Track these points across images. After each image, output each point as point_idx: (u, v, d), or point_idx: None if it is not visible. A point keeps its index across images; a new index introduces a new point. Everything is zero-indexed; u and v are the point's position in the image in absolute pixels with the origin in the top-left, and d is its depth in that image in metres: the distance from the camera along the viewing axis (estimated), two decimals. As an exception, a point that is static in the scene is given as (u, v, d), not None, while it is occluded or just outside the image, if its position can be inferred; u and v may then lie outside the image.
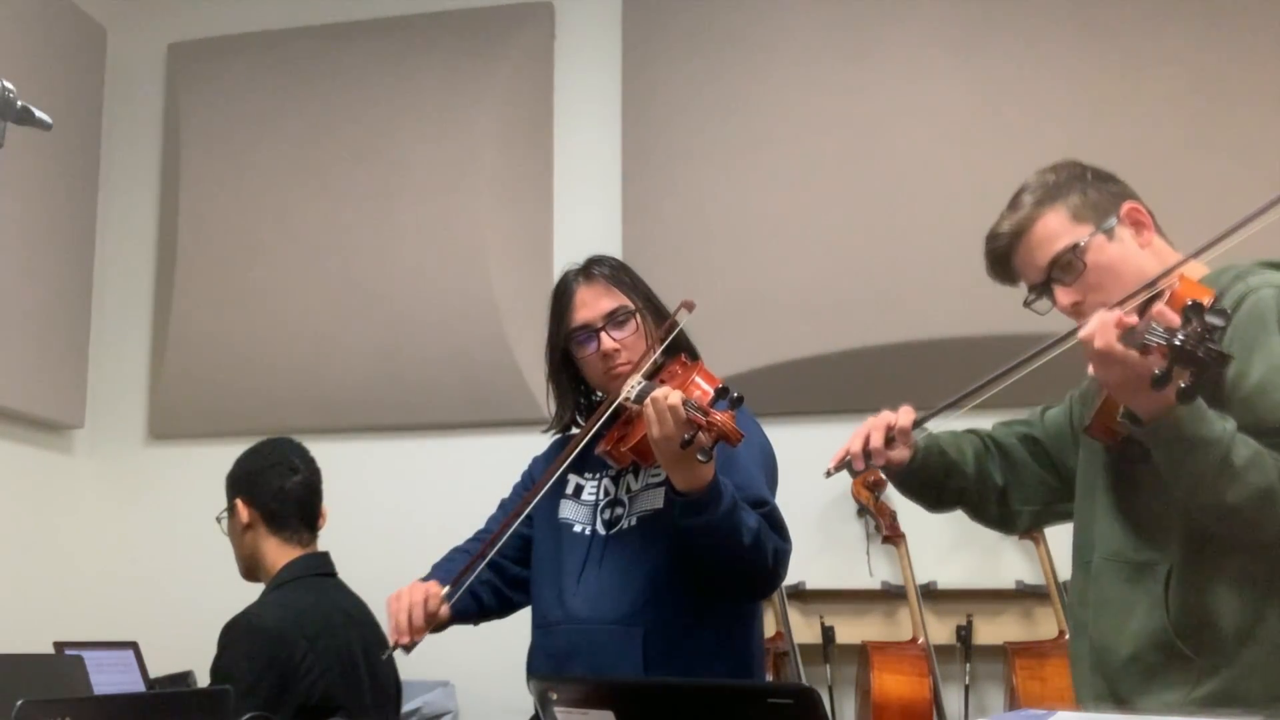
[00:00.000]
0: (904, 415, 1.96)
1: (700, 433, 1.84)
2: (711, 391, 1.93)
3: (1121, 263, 1.81)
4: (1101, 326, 1.53)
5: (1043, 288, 1.87)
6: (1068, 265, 1.83)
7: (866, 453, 1.94)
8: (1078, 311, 1.83)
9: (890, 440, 1.94)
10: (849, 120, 3.55)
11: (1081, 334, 1.55)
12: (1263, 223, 1.64)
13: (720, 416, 1.85)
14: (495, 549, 2.17)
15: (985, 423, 2.11)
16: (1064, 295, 1.84)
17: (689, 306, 2.14)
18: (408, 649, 2.12)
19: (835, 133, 3.55)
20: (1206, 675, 1.67)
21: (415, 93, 3.87)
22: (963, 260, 3.32)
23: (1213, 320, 1.43)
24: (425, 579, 2.21)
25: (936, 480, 2.03)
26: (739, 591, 2.09)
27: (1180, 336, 1.43)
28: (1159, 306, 1.52)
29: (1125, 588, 1.76)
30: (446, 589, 2.14)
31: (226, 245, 3.93)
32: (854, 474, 2.01)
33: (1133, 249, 1.82)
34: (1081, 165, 1.90)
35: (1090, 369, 1.58)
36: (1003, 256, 1.91)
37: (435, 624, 2.15)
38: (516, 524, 2.22)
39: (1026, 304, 1.92)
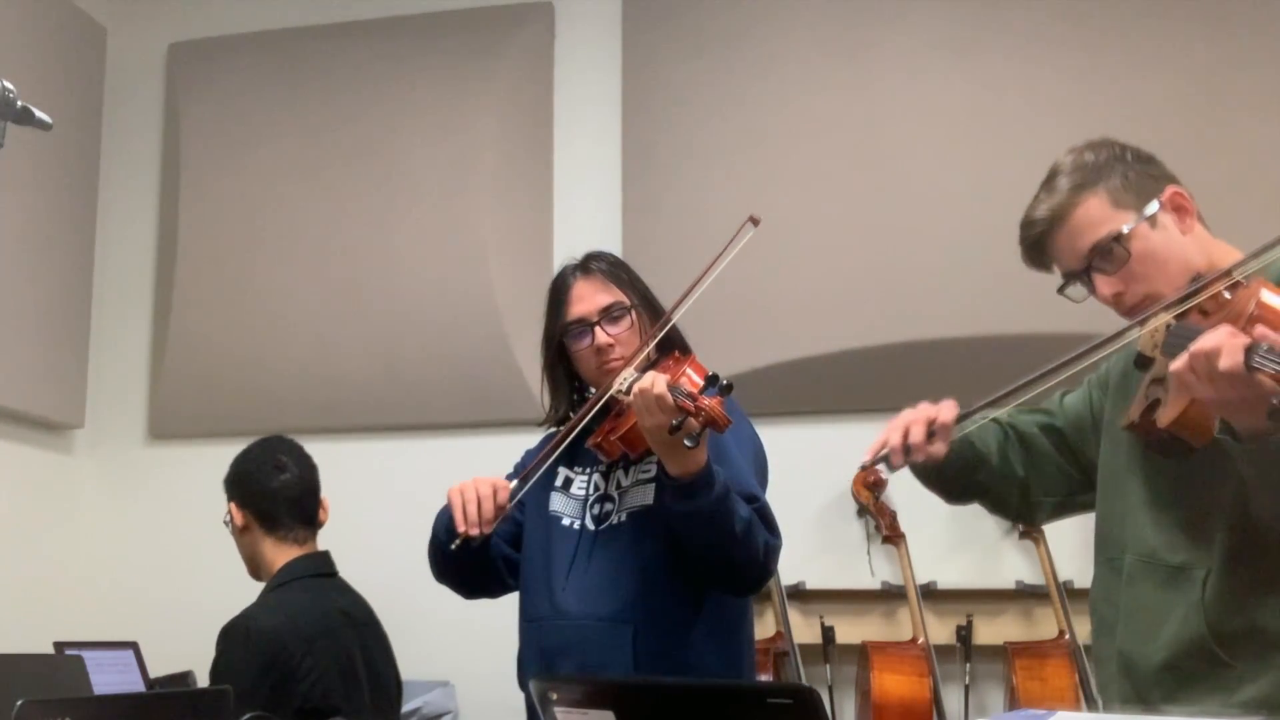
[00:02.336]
0: (947, 410, 1.84)
1: (689, 418, 1.85)
2: (701, 380, 1.94)
3: (1165, 251, 1.73)
4: (1230, 347, 1.41)
5: (1080, 275, 1.79)
6: (1110, 254, 1.74)
7: (906, 447, 1.82)
8: (1119, 302, 1.76)
9: (930, 435, 1.82)
10: (849, 119, 3.55)
11: (1205, 347, 1.44)
12: None
13: (708, 402, 1.85)
14: (543, 469, 2.15)
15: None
16: (1105, 285, 1.76)
17: (755, 221, 2.08)
18: (474, 541, 2.09)
19: (835, 132, 3.55)
20: (1246, 681, 1.62)
21: (415, 93, 3.87)
22: (964, 260, 3.35)
23: None
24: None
25: (963, 475, 1.95)
26: (729, 583, 2.09)
27: None
28: (1263, 329, 1.44)
29: (1160, 592, 1.71)
30: (514, 483, 2.11)
31: (227, 245, 3.93)
32: (891, 469, 1.88)
33: (1176, 237, 1.75)
34: (1121, 145, 1.82)
35: (1194, 383, 1.48)
36: (1038, 242, 1.82)
37: (502, 516, 2.11)
38: (512, 508, 2.21)
39: (1060, 291, 1.83)
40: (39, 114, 1.82)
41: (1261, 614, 1.63)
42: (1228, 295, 1.60)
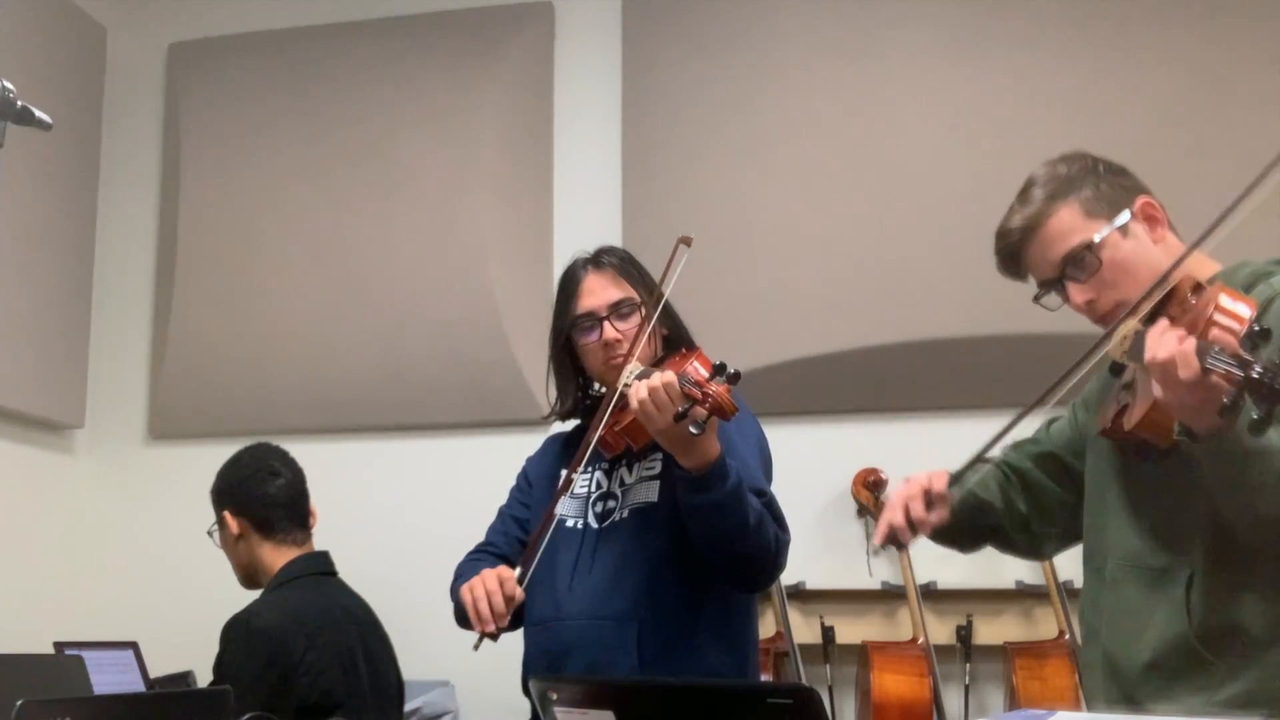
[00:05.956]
0: (937, 480, 1.88)
1: (695, 405, 1.85)
2: (707, 369, 1.94)
3: (1136, 259, 1.77)
4: (1184, 355, 1.46)
5: (1054, 284, 1.83)
6: (1082, 262, 1.78)
7: (911, 524, 1.86)
8: (1091, 309, 1.80)
9: (929, 506, 1.87)
10: (849, 120, 3.55)
11: (1160, 358, 1.48)
12: (1256, 201, 1.61)
13: (715, 388, 1.85)
14: (547, 535, 2.11)
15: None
16: (1078, 293, 1.80)
17: (686, 242, 2.11)
18: (494, 636, 2.08)
19: (836, 133, 3.55)
20: (1229, 679, 1.64)
21: (415, 93, 3.86)
22: (963, 260, 3.34)
23: None
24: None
25: (973, 525, 1.98)
26: (740, 578, 2.08)
27: (1257, 370, 1.36)
28: (1217, 331, 1.47)
29: (1143, 594, 1.73)
30: (518, 570, 2.08)
31: (226, 245, 3.93)
32: (900, 548, 1.94)
33: (1146, 245, 1.79)
34: (1092, 157, 1.86)
35: (1156, 388, 1.52)
36: (1013, 252, 1.86)
37: (514, 606, 2.08)
38: (517, 528, 2.26)
39: (1036, 300, 1.87)
40: (39, 114, 1.82)
41: (1242, 613, 1.65)
42: (1193, 300, 1.63)
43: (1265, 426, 1.39)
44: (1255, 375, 1.36)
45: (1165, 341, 1.49)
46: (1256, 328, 1.41)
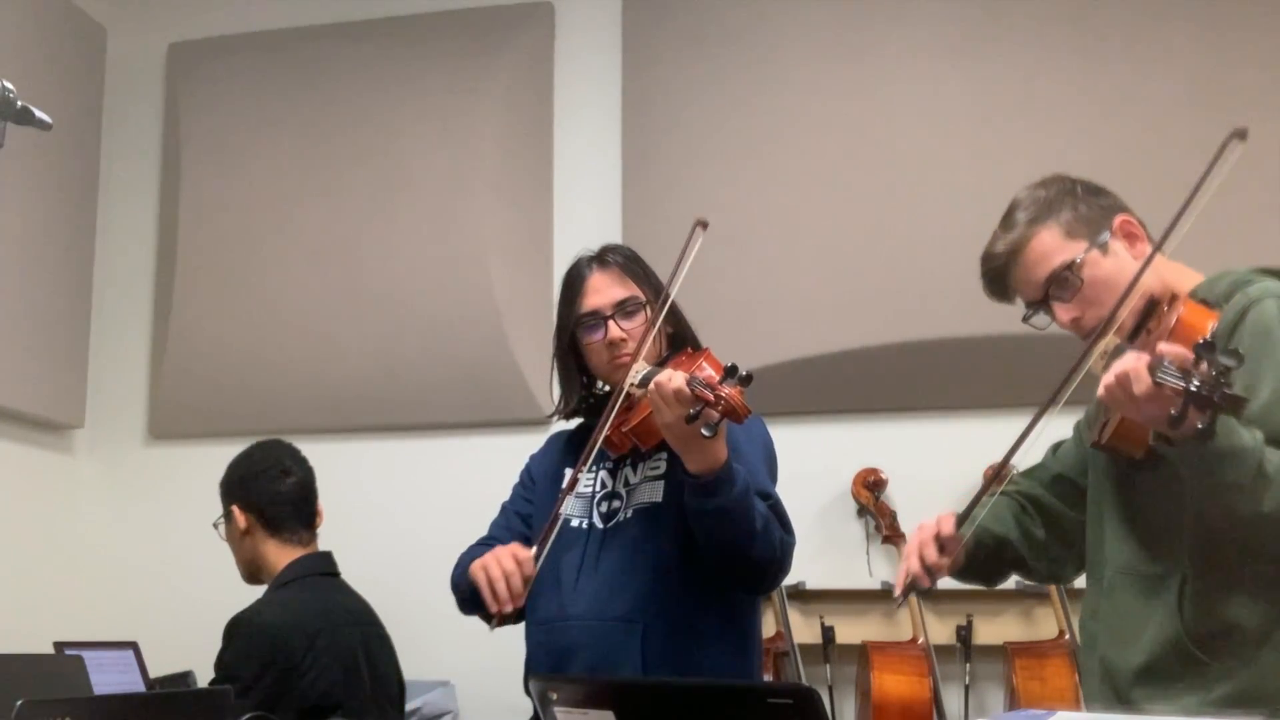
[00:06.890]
0: (945, 524, 1.92)
1: (707, 408, 1.84)
2: (720, 370, 1.93)
3: (1117, 276, 1.82)
4: (1137, 371, 1.51)
5: (1040, 304, 1.89)
6: (1065, 282, 1.85)
7: (928, 570, 1.90)
8: (1077, 327, 1.85)
9: (941, 549, 1.91)
10: (849, 121, 3.55)
11: (1115, 375, 1.54)
12: (1208, 192, 1.70)
13: (728, 391, 1.84)
14: (553, 535, 2.08)
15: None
16: (1063, 312, 1.86)
17: (703, 225, 2.10)
18: (512, 619, 2.06)
19: (836, 133, 3.55)
20: (1222, 678, 1.67)
21: (415, 93, 3.86)
22: (963, 260, 3.31)
23: (1225, 361, 1.43)
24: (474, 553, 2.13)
25: (992, 561, 2.02)
26: (746, 581, 2.08)
27: (1195, 382, 1.43)
28: (1165, 345, 1.52)
29: (1139, 601, 1.77)
30: (534, 549, 2.05)
31: (227, 246, 3.93)
32: (923, 595, 1.99)
33: (1127, 262, 1.84)
34: (1071, 179, 1.92)
35: (1120, 407, 1.58)
36: (999, 276, 1.93)
37: (530, 586, 2.04)
38: (520, 523, 2.25)
39: (1025, 320, 1.94)
40: (39, 114, 1.82)
41: (1237, 611, 1.68)
42: (1168, 314, 1.70)
43: (1210, 434, 1.46)
44: (1194, 388, 1.44)
45: (1124, 359, 1.55)
46: (1203, 341, 1.47)
